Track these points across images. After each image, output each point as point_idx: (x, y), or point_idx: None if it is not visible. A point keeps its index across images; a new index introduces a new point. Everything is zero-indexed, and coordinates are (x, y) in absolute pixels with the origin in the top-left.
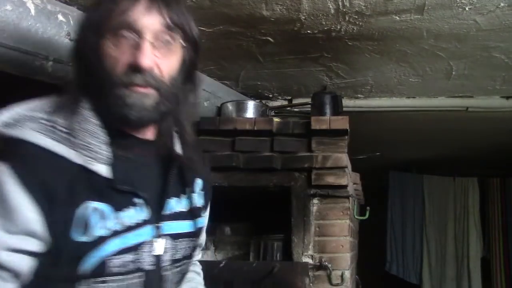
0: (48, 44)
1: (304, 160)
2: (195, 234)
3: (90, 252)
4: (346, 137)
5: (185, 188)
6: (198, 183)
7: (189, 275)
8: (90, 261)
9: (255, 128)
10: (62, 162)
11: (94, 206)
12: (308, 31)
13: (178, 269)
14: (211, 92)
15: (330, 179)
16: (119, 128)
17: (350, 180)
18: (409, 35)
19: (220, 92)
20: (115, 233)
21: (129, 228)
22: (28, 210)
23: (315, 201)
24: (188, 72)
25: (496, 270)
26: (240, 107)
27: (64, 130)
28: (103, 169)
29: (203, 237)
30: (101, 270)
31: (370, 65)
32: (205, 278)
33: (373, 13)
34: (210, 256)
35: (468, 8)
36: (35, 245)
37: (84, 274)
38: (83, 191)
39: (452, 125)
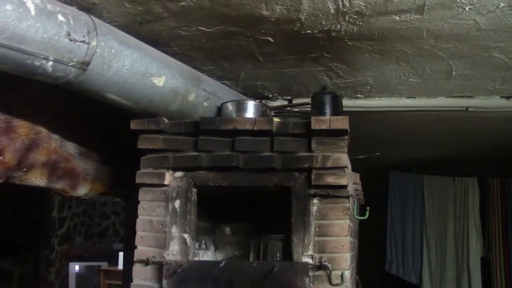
0: (48, 44)
1: (304, 160)
2: None
3: None
4: (346, 137)
5: None
6: None
7: None
8: None
9: (255, 128)
10: None
11: None
12: (308, 31)
13: None
14: (211, 92)
15: (330, 179)
16: None
17: (350, 180)
18: (409, 35)
19: (220, 92)
20: None
21: None
22: None
23: (315, 201)
24: None
25: (496, 270)
26: (240, 107)
27: None
28: None
29: None
30: None
31: (370, 65)
32: (205, 278)
33: (373, 13)
34: (210, 256)
35: (468, 8)
36: None
37: None
38: None
39: (452, 125)
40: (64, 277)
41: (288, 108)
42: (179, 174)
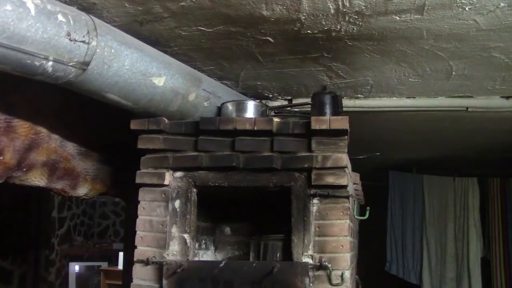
0: (48, 44)
1: (304, 160)
2: None
3: None
4: (346, 137)
5: None
6: None
7: None
8: None
9: (255, 128)
10: None
11: None
12: (308, 31)
13: None
14: (211, 92)
15: (330, 179)
16: None
17: (350, 180)
18: (409, 35)
19: (220, 92)
20: None
21: None
22: None
23: (315, 201)
24: None
25: (496, 270)
26: (240, 107)
27: None
28: None
29: None
30: None
31: (370, 65)
32: (205, 278)
33: (373, 13)
34: (210, 256)
35: (468, 8)
36: None
37: None
38: None
39: (452, 125)
40: (64, 277)
41: (288, 108)
42: (179, 174)
